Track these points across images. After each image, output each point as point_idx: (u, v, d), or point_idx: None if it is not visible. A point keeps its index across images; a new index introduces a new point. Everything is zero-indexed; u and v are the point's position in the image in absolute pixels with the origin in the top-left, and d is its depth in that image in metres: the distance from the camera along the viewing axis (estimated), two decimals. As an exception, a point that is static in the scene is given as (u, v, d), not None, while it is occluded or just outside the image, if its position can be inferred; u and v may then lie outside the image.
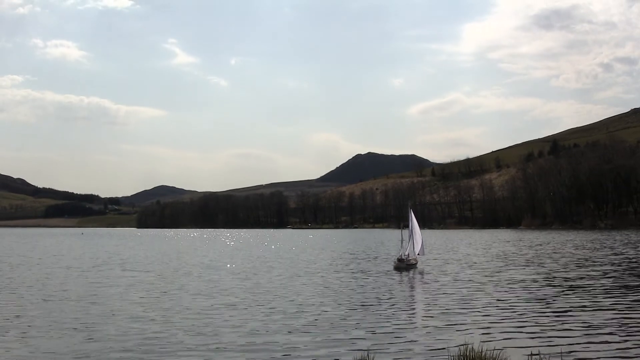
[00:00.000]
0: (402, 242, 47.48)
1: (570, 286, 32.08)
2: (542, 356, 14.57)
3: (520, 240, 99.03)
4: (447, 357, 14.88)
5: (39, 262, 57.29)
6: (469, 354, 14.12)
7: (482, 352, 14.22)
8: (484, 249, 75.39)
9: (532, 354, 14.81)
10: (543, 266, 45.99)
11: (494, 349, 14.64)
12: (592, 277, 37.17)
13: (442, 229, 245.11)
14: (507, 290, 30.74)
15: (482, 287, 32.46)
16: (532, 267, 44.94)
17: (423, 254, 48.13)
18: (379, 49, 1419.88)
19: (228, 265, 51.12)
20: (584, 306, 24.96)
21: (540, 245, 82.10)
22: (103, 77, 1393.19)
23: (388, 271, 45.08)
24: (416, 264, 46.87)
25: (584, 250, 66.88)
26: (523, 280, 35.19)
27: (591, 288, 31.16)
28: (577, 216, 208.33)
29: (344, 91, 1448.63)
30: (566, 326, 20.26)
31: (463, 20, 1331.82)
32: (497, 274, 39.94)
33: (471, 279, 37.37)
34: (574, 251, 66.09)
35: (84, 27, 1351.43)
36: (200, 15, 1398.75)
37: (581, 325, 20.39)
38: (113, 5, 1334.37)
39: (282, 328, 20.82)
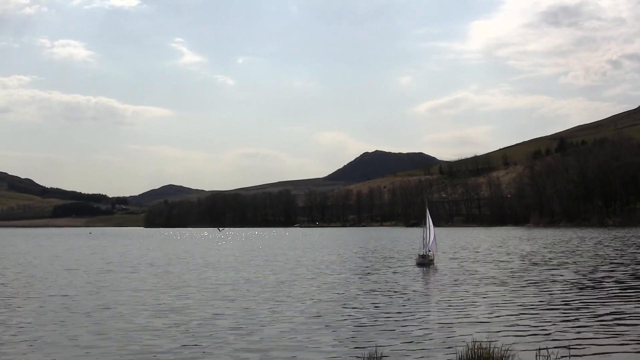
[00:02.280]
0: (423, 240, 48.17)
1: (590, 285, 31.69)
2: (549, 352, 14.67)
3: (539, 238, 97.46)
4: (454, 354, 14.98)
5: (49, 263, 57.29)
6: (477, 350, 14.22)
7: (490, 349, 14.30)
8: (499, 246, 74.70)
9: (539, 350, 14.92)
10: (567, 265, 45.01)
11: (502, 346, 14.75)
12: (614, 277, 36.46)
13: (449, 226, 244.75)
14: (524, 288, 30.56)
15: (499, 285, 32.32)
16: (558, 266, 44.06)
17: (435, 250, 48.84)
18: (386, 48, 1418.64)
19: (244, 267, 51.18)
20: (603, 305, 24.79)
21: (559, 242, 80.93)
22: (110, 77, 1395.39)
23: (411, 267, 46.11)
24: (433, 259, 48.09)
25: (606, 248, 65.56)
26: (542, 279, 34.71)
27: (610, 287, 30.80)
28: (585, 214, 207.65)
29: (352, 90, 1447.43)
30: (578, 324, 20.25)
31: (470, 18, 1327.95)
32: (516, 273, 39.50)
33: (488, 276, 37.24)
34: (598, 249, 64.80)
35: (90, 27, 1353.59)
36: (207, 15, 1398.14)
37: (593, 323, 20.33)
38: (120, 4, 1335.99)
39: (300, 325, 20.91)
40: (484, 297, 27.35)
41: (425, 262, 46.99)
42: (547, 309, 23.65)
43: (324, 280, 36.74)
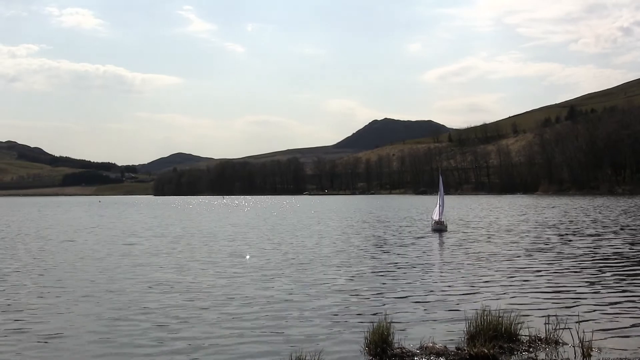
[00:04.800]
0: (439, 206, 48.59)
1: (618, 257, 30.54)
2: (559, 319, 14.62)
3: (557, 206, 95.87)
4: (464, 321, 14.95)
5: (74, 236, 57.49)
6: (486, 317, 14.16)
7: (499, 316, 14.26)
8: (519, 215, 73.11)
9: (548, 317, 14.88)
10: (596, 235, 42.81)
11: (512, 313, 14.71)
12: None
13: (458, 194, 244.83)
14: (544, 258, 30.08)
15: (516, 253, 31.81)
16: (586, 237, 41.86)
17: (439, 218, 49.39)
18: (395, 15, 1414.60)
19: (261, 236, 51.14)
20: (621, 275, 24.52)
21: (584, 210, 79.82)
22: (119, 45, 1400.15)
23: (427, 233, 46.52)
24: (447, 225, 49.23)
25: (636, 219, 61.97)
26: (566, 249, 33.51)
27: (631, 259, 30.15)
28: (594, 182, 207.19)
29: (361, 57, 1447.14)
30: (596, 296, 19.94)
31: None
32: (537, 242, 38.31)
33: (505, 244, 36.65)
34: (626, 218, 62.18)
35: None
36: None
37: (613, 296, 19.96)
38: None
39: (310, 293, 20.85)
40: (500, 265, 27.06)
41: (442, 227, 47.75)
42: (566, 279, 23.17)
43: (339, 247, 36.56)
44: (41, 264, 29.37)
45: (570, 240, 38.81)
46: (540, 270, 25.43)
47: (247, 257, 31.23)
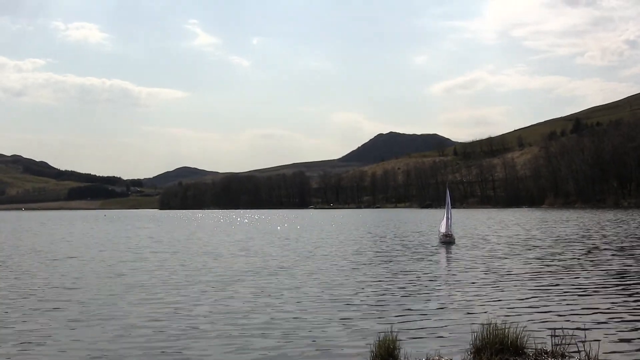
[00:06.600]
0: (446, 219, 49.02)
1: (623, 269, 30.52)
2: (565, 333, 14.58)
3: (570, 220, 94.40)
4: (470, 334, 14.92)
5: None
6: (492, 330, 14.14)
7: (505, 329, 14.23)
8: (529, 228, 72.16)
9: (554, 330, 14.83)
10: (617, 250, 42.33)
11: (518, 326, 14.66)
12: None
13: (464, 208, 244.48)
14: (549, 271, 29.98)
15: (526, 267, 31.45)
16: (603, 251, 41.24)
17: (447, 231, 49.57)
18: (402, 27, 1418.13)
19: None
20: (632, 290, 24.33)
21: (601, 224, 78.26)
22: (124, 59, 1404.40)
23: (434, 246, 46.58)
24: (455, 238, 49.52)
25: None
26: (579, 264, 33.01)
27: None
28: (601, 195, 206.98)
29: (367, 70, 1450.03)
30: (605, 310, 19.86)
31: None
32: (551, 257, 37.57)
33: (515, 258, 36.30)
34: None
35: (105, 9, 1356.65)
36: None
37: (623, 311, 19.93)
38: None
39: (316, 305, 20.80)
40: (508, 279, 26.85)
41: (450, 240, 47.99)
42: (575, 294, 22.94)
43: (347, 260, 36.46)
44: (35, 282, 28.97)
45: (583, 255, 38.46)
46: (549, 284, 25.29)
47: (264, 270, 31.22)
